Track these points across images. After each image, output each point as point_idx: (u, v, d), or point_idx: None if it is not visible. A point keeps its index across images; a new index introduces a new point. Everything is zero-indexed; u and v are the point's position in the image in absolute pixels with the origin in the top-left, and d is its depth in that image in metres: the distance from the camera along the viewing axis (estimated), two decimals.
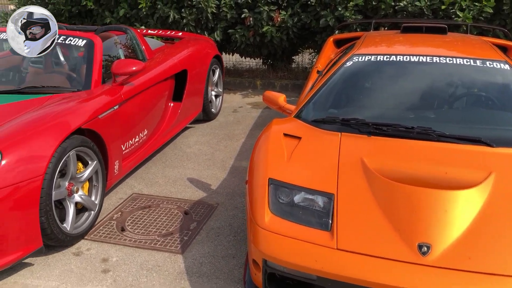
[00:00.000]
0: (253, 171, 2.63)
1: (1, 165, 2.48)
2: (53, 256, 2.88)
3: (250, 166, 2.72)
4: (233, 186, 3.89)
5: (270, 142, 2.74)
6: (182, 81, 4.70)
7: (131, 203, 3.57)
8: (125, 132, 3.60)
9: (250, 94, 6.83)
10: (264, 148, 2.73)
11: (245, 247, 3.00)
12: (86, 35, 3.77)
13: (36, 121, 2.82)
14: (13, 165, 2.52)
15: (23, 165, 2.57)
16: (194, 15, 6.45)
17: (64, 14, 7.03)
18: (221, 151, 4.62)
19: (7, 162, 2.50)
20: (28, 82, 3.57)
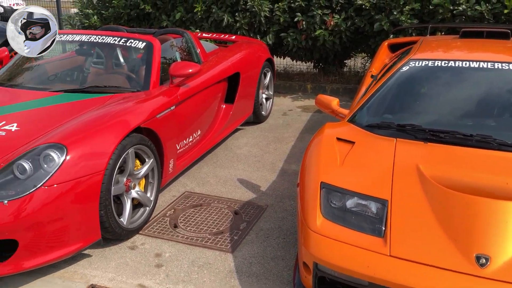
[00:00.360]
0: (305, 174, 2.64)
1: (66, 160, 2.62)
2: (110, 249, 3.00)
3: (301, 169, 2.74)
4: (282, 188, 3.91)
5: (323, 146, 2.74)
6: (235, 84, 4.78)
7: (183, 201, 3.67)
8: (180, 132, 3.71)
9: (300, 97, 6.84)
10: (316, 152, 2.73)
11: (294, 250, 3.01)
12: (145, 38, 3.91)
13: (99, 119, 2.96)
14: (76, 160, 2.66)
15: (85, 160, 2.70)
16: (248, 19, 6.54)
17: (123, 17, 7.31)
18: (270, 154, 4.66)
19: (71, 157, 2.64)
20: (91, 82, 3.75)
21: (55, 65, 4.06)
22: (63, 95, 3.39)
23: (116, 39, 3.88)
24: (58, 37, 4.03)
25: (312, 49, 6.71)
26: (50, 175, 2.56)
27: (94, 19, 7.47)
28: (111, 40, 3.88)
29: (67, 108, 3.21)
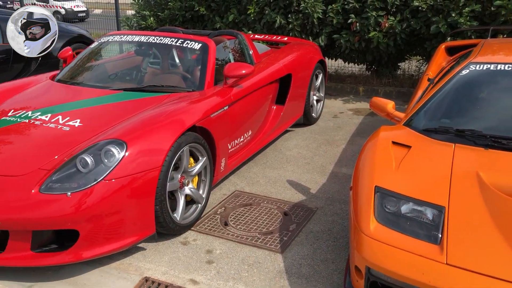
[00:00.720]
0: (359, 177, 2.61)
1: (125, 155, 2.73)
2: (163, 243, 3.09)
3: (355, 172, 2.71)
4: (333, 192, 3.88)
5: (377, 149, 2.70)
6: (286, 85, 4.79)
7: (233, 199, 3.72)
8: (232, 132, 3.76)
9: (351, 100, 6.76)
10: (371, 155, 2.70)
11: (344, 253, 2.98)
12: (201, 39, 4.00)
13: (156, 118, 3.05)
14: (135, 156, 2.76)
15: (143, 156, 2.80)
16: (300, 20, 6.54)
17: (178, 19, 7.49)
18: (320, 156, 4.63)
19: (130, 153, 2.75)
20: (148, 81, 3.88)
21: (115, 65, 4.24)
22: (122, 94, 3.52)
23: (173, 40, 3.99)
24: (118, 38, 4.21)
25: (365, 51, 6.62)
26: (110, 170, 2.66)
27: (150, 21, 7.70)
28: (168, 41, 3.99)
29: (126, 106, 3.33)
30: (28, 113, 3.25)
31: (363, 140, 5.04)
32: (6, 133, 3.07)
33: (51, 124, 3.09)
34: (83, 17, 22.58)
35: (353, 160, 4.52)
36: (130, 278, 2.74)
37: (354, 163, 4.40)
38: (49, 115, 3.20)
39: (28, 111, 3.29)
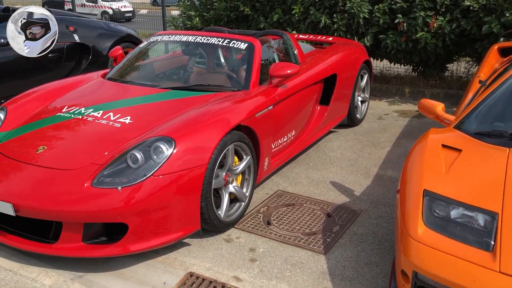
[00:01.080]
0: (406, 180, 2.57)
1: (173, 152, 2.79)
2: (207, 240, 3.14)
3: (403, 175, 2.66)
4: (377, 194, 3.82)
5: (426, 152, 2.64)
6: (331, 85, 4.75)
7: (276, 199, 3.73)
8: (275, 132, 3.77)
9: (397, 101, 6.63)
10: (419, 158, 2.64)
11: (389, 257, 2.93)
12: (247, 39, 4.03)
13: (203, 116, 3.10)
14: (183, 153, 2.82)
15: (191, 154, 2.85)
16: (346, 20, 6.47)
17: (223, 19, 7.57)
18: (365, 158, 4.57)
19: (178, 150, 2.81)
20: (195, 81, 3.94)
21: (163, 64, 4.34)
22: (170, 92, 3.60)
23: (219, 40, 4.04)
24: (167, 37, 4.31)
25: (412, 51, 6.48)
26: (159, 166, 2.73)
27: (196, 21, 7.82)
28: (215, 40, 4.04)
29: (174, 104, 3.41)
30: (81, 110, 3.38)
31: (409, 142, 4.94)
32: (61, 129, 3.20)
33: (103, 121, 3.20)
34: (130, 17, 23.22)
35: (399, 163, 4.43)
36: (175, 273, 2.80)
37: (399, 166, 4.33)
38: (101, 111, 3.32)
39: (81, 107, 3.42)
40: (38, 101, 3.66)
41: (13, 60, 5.60)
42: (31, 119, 3.39)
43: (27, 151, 3.00)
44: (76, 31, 6.49)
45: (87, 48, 6.54)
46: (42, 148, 2.99)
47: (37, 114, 3.45)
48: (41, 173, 2.81)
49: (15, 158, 2.96)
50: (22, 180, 2.80)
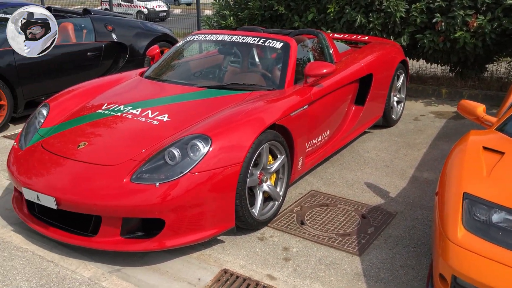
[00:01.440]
0: (445, 183, 2.51)
1: (210, 150, 2.82)
2: (241, 238, 3.16)
3: (441, 177, 2.61)
4: (413, 196, 3.75)
5: (467, 154, 2.58)
6: (366, 85, 4.70)
7: (309, 199, 3.72)
8: (310, 131, 3.76)
9: (433, 102, 6.49)
10: (459, 160, 2.58)
11: (426, 260, 2.88)
12: (283, 38, 4.03)
13: (239, 115, 3.13)
14: (219, 151, 2.85)
15: (226, 152, 2.88)
16: (382, 19, 6.38)
17: (257, 18, 7.59)
18: (400, 159, 4.50)
19: (214, 148, 2.84)
20: (231, 79, 3.97)
21: (199, 63, 4.39)
22: (206, 91, 3.64)
23: (255, 39, 4.06)
24: (203, 37, 4.35)
25: (450, 51, 6.33)
26: (196, 163, 2.77)
27: (230, 20, 7.86)
28: (251, 40, 4.07)
29: (210, 102, 3.44)
30: (120, 107, 3.46)
31: (446, 144, 4.83)
32: (100, 125, 3.29)
33: (141, 118, 3.26)
34: (164, 16, 23.57)
35: (435, 165, 4.34)
36: (209, 269, 2.84)
37: (436, 168, 4.24)
38: (140, 109, 3.38)
39: (120, 105, 3.50)
40: (79, 98, 3.77)
41: (53, 59, 5.79)
42: (72, 116, 3.49)
43: (69, 147, 3.09)
44: (114, 30, 6.65)
45: (125, 47, 6.69)
46: (83, 144, 3.08)
47: (77, 111, 3.55)
48: (81, 168, 2.90)
49: (57, 153, 3.06)
50: (64, 174, 2.89)
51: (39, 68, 5.61)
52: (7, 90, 5.26)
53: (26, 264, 2.86)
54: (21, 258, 2.92)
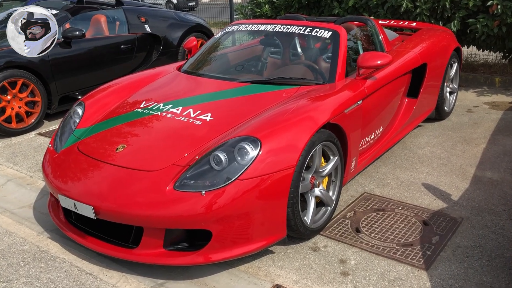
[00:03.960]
0: None
1: (259, 154, 2.54)
2: (292, 248, 2.89)
3: None
4: (478, 199, 3.40)
5: None
6: (419, 75, 4.33)
7: (363, 202, 3.41)
8: (364, 128, 3.44)
9: (486, 92, 6.04)
10: None
11: (504, 276, 2.55)
12: (331, 26, 3.70)
13: (289, 113, 2.83)
14: (269, 154, 2.57)
15: (277, 155, 2.60)
16: (430, 4, 5.94)
17: (294, 5, 7.24)
18: (458, 156, 4.13)
19: (264, 151, 2.56)
20: (276, 73, 3.66)
21: (240, 55, 4.10)
22: (251, 86, 3.36)
23: (300, 29, 3.74)
24: (244, 27, 4.06)
25: (505, 37, 5.85)
26: (245, 169, 2.50)
27: (265, 8, 7.54)
28: (295, 29, 3.75)
29: (256, 99, 3.17)
30: (160, 105, 3.22)
31: (508, 139, 4.42)
32: (140, 126, 3.06)
33: (182, 118, 3.02)
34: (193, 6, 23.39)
35: (498, 163, 3.95)
36: (260, 284, 2.58)
37: (500, 166, 3.87)
38: (180, 107, 3.14)
39: (159, 103, 3.26)
40: (115, 96, 3.55)
41: (87, 53, 5.63)
42: (109, 115, 3.27)
43: (107, 150, 2.87)
44: (147, 22, 6.43)
45: (158, 38, 6.48)
46: (122, 147, 2.85)
47: (114, 110, 3.33)
48: (121, 173, 2.67)
49: (94, 156, 2.85)
50: (102, 180, 2.67)
51: (72, 63, 5.46)
52: (41, 87, 5.12)
53: (64, 276, 2.67)
54: (58, 269, 2.74)
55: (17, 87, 4.90)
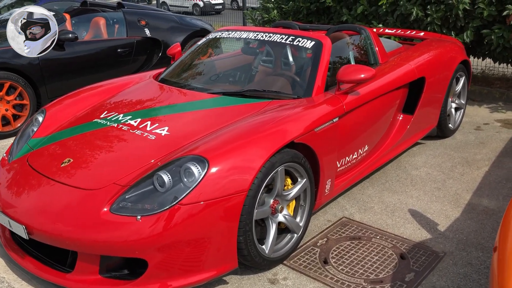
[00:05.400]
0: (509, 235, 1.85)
1: (206, 176, 2.30)
2: (248, 278, 2.63)
3: (503, 224, 1.95)
4: (468, 231, 3.06)
5: None
6: (418, 89, 4.00)
7: (339, 229, 3.12)
8: (342, 147, 3.15)
9: (500, 108, 5.62)
10: None
11: None
12: (315, 36, 3.43)
13: (249, 130, 2.58)
14: (218, 177, 2.32)
15: (228, 178, 2.35)
16: (442, 13, 5.56)
17: (302, 11, 6.98)
18: (455, 180, 3.78)
19: (212, 173, 2.32)
20: (250, 85, 3.41)
21: (219, 64, 3.84)
22: (220, 98, 3.12)
23: (283, 37, 3.49)
24: (226, 34, 3.83)
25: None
26: (187, 193, 2.27)
27: (273, 14, 7.31)
28: (277, 38, 3.50)
29: (221, 113, 2.92)
30: (119, 116, 3.02)
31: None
32: (92, 138, 2.85)
33: (137, 131, 2.80)
34: (220, 9, 23.28)
35: (499, 189, 3.59)
36: None
37: (499, 194, 3.50)
38: (139, 119, 2.93)
39: (120, 113, 3.06)
40: (82, 103, 3.37)
41: (80, 56, 5.51)
42: (68, 125, 3.09)
43: (53, 164, 2.68)
44: (148, 25, 6.29)
45: (158, 43, 6.32)
46: (68, 161, 2.66)
47: (75, 119, 3.15)
48: (59, 191, 2.47)
49: (39, 170, 2.66)
50: (39, 198, 2.48)
51: (64, 66, 5.34)
52: (30, 89, 5.02)
53: None
54: None
55: (4, 89, 4.82)
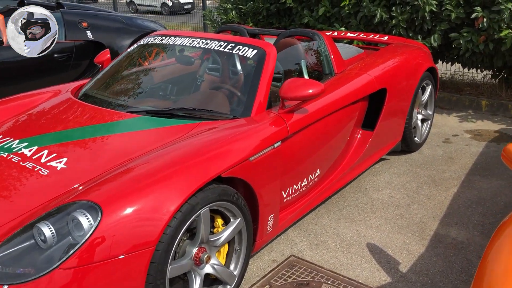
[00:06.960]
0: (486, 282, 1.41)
1: (99, 227, 1.79)
2: None
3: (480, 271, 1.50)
4: (433, 273, 2.62)
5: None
6: (379, 101, 3.56)
7: (285, 272, 2.64)
8: (287, 175, 2.68)
9: (470, 117, 5.26)
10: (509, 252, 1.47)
11: None
12: (258, 44, 2.94)
13: (163, 164, 2.07)
14: (115, 228, 1.81)
15: (129, 229, 1.83)
16: (407, 15, 5.16)
17: (262, 13, 6.50)
18: (420, 205, 3.35)
19: (106, 224, 1.80)
20: (178, 103, 2.87)
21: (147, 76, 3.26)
22: (139, 119, 2.59)
23: (221, 45, 2.98)
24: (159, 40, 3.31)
25: (493, 54, 5.08)
26: (74, 251, 1.75)
27: (232, 15, 6.81)
28: (215, 45, 2.99)
29: (136, 139, 2.41)
30: (14, 143, 2.46)
31: (485, 181, 3.64)
32: None
33: (28, 164, 2.26)
34: (189, 9, 22.63)
35: (468, 216, 3.18)
36: None
37: (469, 222, 3.09)
38: (35, 148, 2.38)
39: (16, 139, 2.50)
40: None
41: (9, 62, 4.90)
42: None
43: None
44: (90, 27, 5.70)
45: (102, 46, 5.73)
46: None
47: None
48: None
49: None
50: None
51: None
52: None
53: None
54: None
55: None
